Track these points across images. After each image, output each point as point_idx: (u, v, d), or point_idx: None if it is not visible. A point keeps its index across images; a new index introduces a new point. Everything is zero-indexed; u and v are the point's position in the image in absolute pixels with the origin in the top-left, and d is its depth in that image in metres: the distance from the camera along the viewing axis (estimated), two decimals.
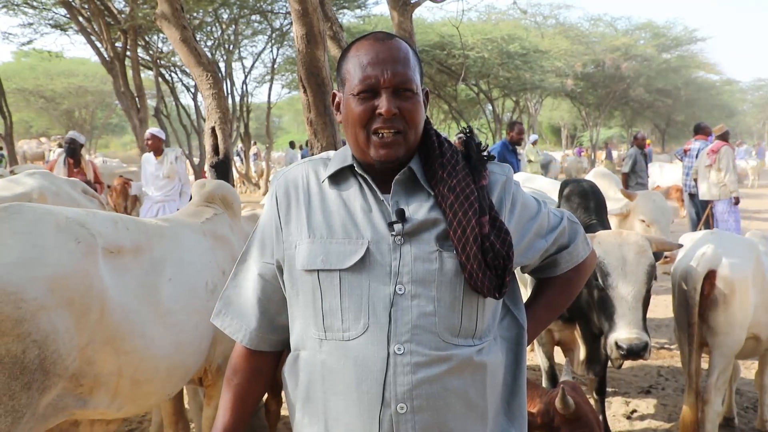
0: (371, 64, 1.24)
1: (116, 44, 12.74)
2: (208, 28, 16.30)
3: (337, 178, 1.32)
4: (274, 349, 1.40)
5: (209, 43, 16.74)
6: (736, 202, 7.90)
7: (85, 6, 12.09)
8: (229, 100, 16.47)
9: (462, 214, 1.22)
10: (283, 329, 1.36)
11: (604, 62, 24.43)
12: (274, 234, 1.33)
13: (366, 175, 1.28)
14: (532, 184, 4.98)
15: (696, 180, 8.34)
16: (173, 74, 17.73)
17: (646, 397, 4.17)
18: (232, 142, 13.67)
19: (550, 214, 1.44)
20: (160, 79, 15.85)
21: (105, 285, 1.92)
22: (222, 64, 17.37)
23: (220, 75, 15.73)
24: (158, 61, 15.13)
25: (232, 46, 17.60)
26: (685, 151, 9.03)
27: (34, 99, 30.12)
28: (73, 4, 12.13)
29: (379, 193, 1.27)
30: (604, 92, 27.21)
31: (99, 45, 12.36)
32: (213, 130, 5.15)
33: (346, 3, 16.40)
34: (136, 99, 12.50)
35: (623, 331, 2.56)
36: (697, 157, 8.36)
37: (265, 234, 1.36)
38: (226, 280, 1.45)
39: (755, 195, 18.16)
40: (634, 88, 26.70)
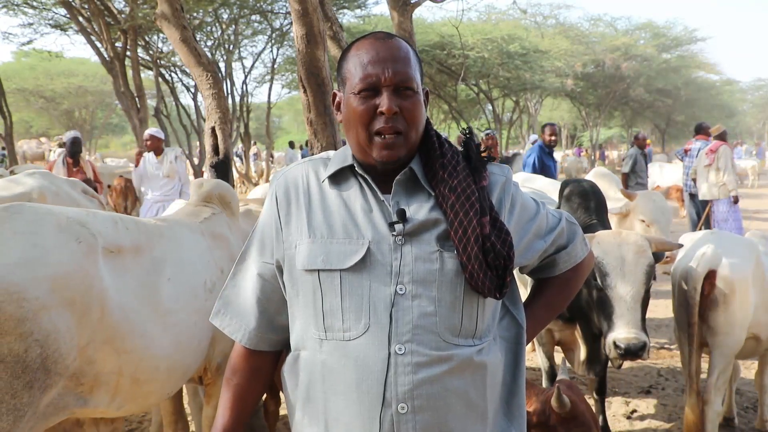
0: (372, 62, 1.24)
1: (116, 44, 12.73)
2: (208, 28, 16.30)
3: (338, 178, 1.32)
4: (273, 348, 1.40)
5: (209, 43, 16.73)
6: (735, 201, 7.91)
7: (85, 6, 12.08)
8: (229, 100, 16.46)
9: (463, 215, 1.22)
10: (282, 329, 1.36)
11: (604, 62, 24.43)
12: (274, 234, 1.33)
13: (366, 175, 1.28)
14: (532, 184, 4.97)
15: (695, 180, 8.35)
16: (173, 74, 17.72)
17: (646, 397, 4.17)
18: (232, 142, 13.65)
19: (549, 214, 1.44)
20: (160, 79, 15.85)
21: (105, 285, 1.93)
22: (222, 64, 17.36)
23: (220, 75, 15.73)
24: (158, 61, 15.13)
25: (232, 46, 17.59)
26: (686, 151, 9.03)
27: (34, 99, 30.14)
28: (73, 4, 12.13)
29: (379, 193, 1.27)
30: (604, 92, 27.21)
31: (99, 45, 12.35)
32: (213, 130, 5.15)
33: (346, 3, 16.39)
34: (136, 99, 12.49)
35: (621, 331, 2.56)
36: (697, 157, 8.37)
37: (265, 234, 1.36)
38: (225, 280, 1.45)
39: (755, 195, 18.16)
40: (634, 88, 26.70)
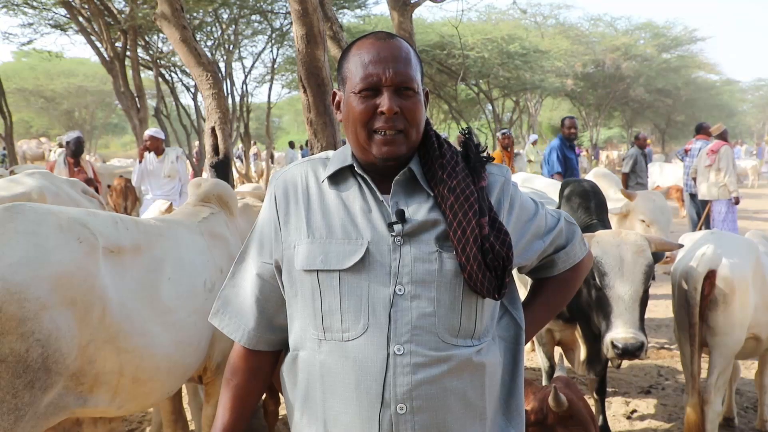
0: (373, 62, 1.24)
1: (116, 44, 12.71)
2: (208, 28, 16.27)
3: (337, 178, 1.32)
4: (272, 348, 1.40)
5: (209, 43, 16.70)
6: (736, 202, 7.89)
7: (85, 6, 12.06)
8: (229, 100, 16.43)
9: (462, 215, 1.22)
10: (281, 329, 1.36)
11: (604, 62, 24.44)
12: (273, 234, 1.33)
13: (366, 176, 1.28)
14: (532, 184, 4.97)
15: (695, 179, 8.34)
16: (173, 74, 17.69)
17: (646, 397, 4.17)
18: (232, 142, 13.65)
19: (548, 215, 1.44)
20: (160, 79, 15.83)
21: (106, 284, 1.93)
22: (222, 64, 17.32)
23: (220, 75, 15.70)
24: (158, 61, 15.11)
25: (232, 46, 17.56)
26: (686, 151, 9.02)
27: (34, 99, 30.16)
28: (73, 4, 12.11)
29: (378, 193, 1.27)
30: (604, 92, 27.21)
31: (99, 45, 12.33)
32: (213, 130, 5.15)
33: (346, 3, 16.37)
34: (136, 99, 12.47)
35: (619, 331, 2.57)
36: (697, 157, 8.36)
37: (264, 234, 1.36)
38: (224, 279, 1.45)
39: (755, 195, 18.16)
40: (634, 88, 26.69)
